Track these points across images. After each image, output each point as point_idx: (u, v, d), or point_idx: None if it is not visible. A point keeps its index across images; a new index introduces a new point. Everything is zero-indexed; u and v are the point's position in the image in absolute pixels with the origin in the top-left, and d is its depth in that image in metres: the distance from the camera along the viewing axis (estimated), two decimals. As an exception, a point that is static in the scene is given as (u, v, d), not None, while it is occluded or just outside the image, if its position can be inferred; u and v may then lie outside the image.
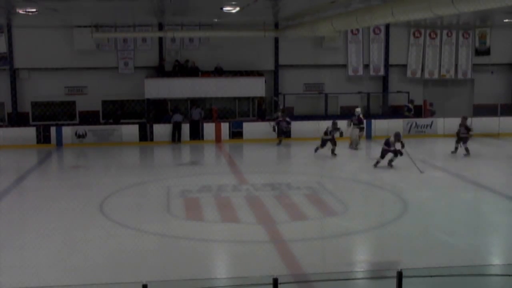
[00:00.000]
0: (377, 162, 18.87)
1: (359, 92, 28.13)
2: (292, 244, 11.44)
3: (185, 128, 24.79)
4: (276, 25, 26.59)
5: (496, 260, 10.97)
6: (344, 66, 28.21)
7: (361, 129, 23.20)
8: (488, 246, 11.88)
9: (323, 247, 11.47)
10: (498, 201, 14.70)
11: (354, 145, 22.76)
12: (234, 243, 11.77)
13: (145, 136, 24.71)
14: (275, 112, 25.93)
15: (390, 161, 18.81)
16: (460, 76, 29.39)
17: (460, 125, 20.90)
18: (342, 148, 21.60)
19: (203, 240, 11.82)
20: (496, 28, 28.96)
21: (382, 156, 18.83)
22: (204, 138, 24.91)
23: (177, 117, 24.72)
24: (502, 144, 24.41)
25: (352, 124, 22.86)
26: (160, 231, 12.40)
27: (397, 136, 18.74)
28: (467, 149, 20.60)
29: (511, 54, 29.77)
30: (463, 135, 20.76)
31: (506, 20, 27.46)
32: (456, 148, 20.88)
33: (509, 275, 6.19)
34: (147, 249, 11.25)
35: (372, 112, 27.66)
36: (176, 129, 24.56)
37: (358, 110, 23.40)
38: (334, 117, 23.59)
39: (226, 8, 20.53)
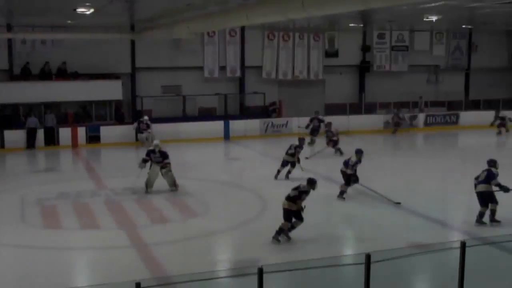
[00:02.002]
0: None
1: (217, 94, 28.54)
2: (155, 248, 11.43)
3: (41, 133, 23.77)
4: (133, 27, 26.27)
5: (348, 251, 11.65)
6: (201, 68, 28.44)
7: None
8: (341, 238, 12.61)
9: (186, 248, 11.56)
10: (349, 194, 15.53)
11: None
12: (94, 250, 11.54)
13: (-5, 143, 23.38)
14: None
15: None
16: (312, 77, 30.70)
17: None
18: (200, 150, 21.73)
19: (62, 249, 11.48)
20: (343, 32, 30.60)
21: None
22: (60, 144, 24.03)
23: (32, 122, 23.63)
24: (351, 141, 25.77)
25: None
26: (15, 242, 11.86)
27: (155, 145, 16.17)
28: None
29: (357, 56, 31.61)
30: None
31: (352, 25, 29.09)
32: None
33: (360, 264, 6.64)
34: (1, 261, 10.74)
35: (230, 113, 28.14)
36: (31, 135, 23.49)
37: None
38: (193, 118, 23.68)
39: (80, 9, 19.88)
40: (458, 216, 14.32)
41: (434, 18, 24.34)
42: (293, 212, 11.74)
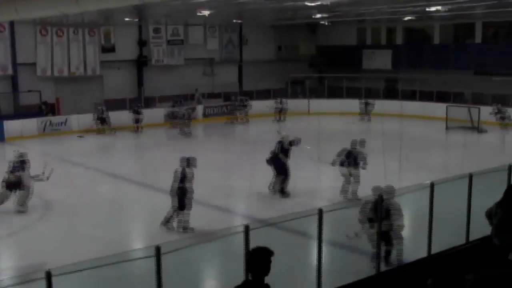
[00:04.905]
0: None
1: (-13, 93, 26.73)
2: None
3: None
4: None
5: (138, 245, 11.77)
6: (-32, 66, 26.37)
7: None
8: (129, 233, 12.69)
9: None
10: (134, 189, 15.61)
11: None
12: None
13: None
14: None
15: None
16: (89, 73, 30.03)
17: None
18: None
19: None
20: (118, 26, 30.38)
21: None
22: None
23: None
24: (133, 136, 25.83)
25: None
26: None
27: None
28: None
29: (135, 51, 31.61)
30: None
31: (127, 19, 29.02)
32: None
33: (151, 256, 6.81)
34: None
35: (4, 113, 26.46)
36: None
37: None
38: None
39: None
40: (240, 202, 15.15)
41: (206, 13, 25.21)
42: None
